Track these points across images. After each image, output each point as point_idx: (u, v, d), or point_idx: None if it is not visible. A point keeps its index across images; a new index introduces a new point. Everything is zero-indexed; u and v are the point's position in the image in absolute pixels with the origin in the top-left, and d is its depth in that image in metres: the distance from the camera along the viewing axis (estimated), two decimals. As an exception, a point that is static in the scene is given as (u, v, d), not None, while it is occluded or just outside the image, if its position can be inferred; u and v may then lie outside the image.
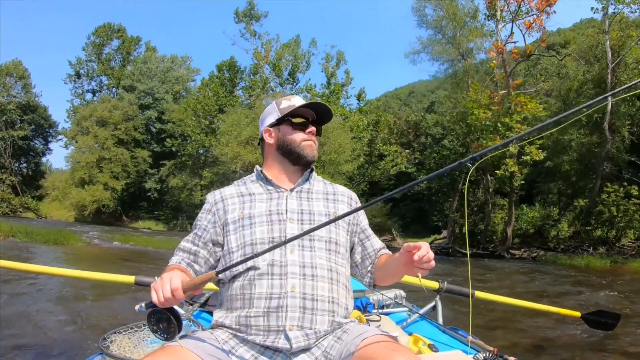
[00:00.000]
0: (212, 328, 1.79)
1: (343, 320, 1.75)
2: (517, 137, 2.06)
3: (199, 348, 1.55)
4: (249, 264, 1.72)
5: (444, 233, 25.71)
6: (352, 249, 1.97)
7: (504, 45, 20.35)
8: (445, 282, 3.56)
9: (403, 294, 3.75)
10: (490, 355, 2.16)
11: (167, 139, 43.37)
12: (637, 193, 17.96)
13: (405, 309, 3.49)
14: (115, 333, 2.31)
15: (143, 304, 1.57)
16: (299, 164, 1.93)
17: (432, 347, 2.38)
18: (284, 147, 1.92)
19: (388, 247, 2.05)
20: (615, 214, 18.37)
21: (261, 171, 1.96)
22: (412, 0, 29.40)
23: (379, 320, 2.89)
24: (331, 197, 1.95)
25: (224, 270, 1.60)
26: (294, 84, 41.42)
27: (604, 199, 18.76)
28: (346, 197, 1.99)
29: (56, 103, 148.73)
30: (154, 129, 47.11)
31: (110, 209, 42.34)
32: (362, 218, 2.01)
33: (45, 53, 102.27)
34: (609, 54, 19.10)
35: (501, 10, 21.15)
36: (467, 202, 23.74)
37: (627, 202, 18.25)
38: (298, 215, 1.82)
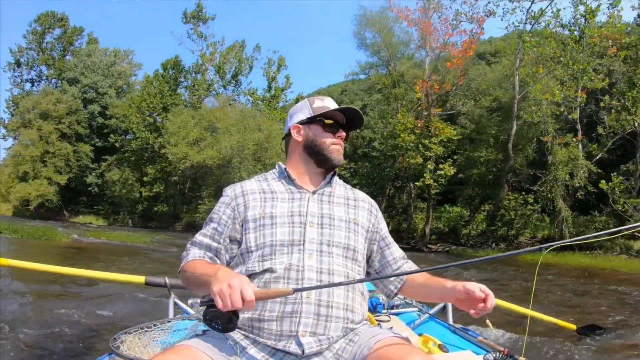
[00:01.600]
0: None
1: (356, 326, 1.75)
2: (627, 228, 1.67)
3: (209, 348, 1.56)
4: (266, 265, 1.72)
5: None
6: (370, 257, 1.96)
7: (427, 81, 24.46)
8: None
9: None
10: (501, 355, 2.19)
11: (111, 135, 44.41)
12: (532, 200, 22.36)
13: (415, 309, 3.52)
14: (125, 333, 2.30)
15: (198, 300, 1.53)
16: (324, 166, 1.93)
17: (442, 348, 2.42)
18: (312, 147, 1.92)
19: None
20: (514, 217, 22.78)
21: (285, 169, 1.95)
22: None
23: (388, 321, 2.96)
24: (352, 202, 1.93)
25: (300, 290, 1.61)
26: (237, 86, 43.81)
27: (506, 205, 23.18)
28: (367, 204, 1.98)
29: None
30: (96, 124, 47.66)
31: (54, 203, 42.91)
32: (382, 225, 1.99)
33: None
34: (517, 86, 23.38)
35: (430, 45, 25.49)
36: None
37: (525, 207, 22.63)
38: (318, 219, 1.81)
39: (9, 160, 45.85)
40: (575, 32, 22.01)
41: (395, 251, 1.99)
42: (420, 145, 23.98)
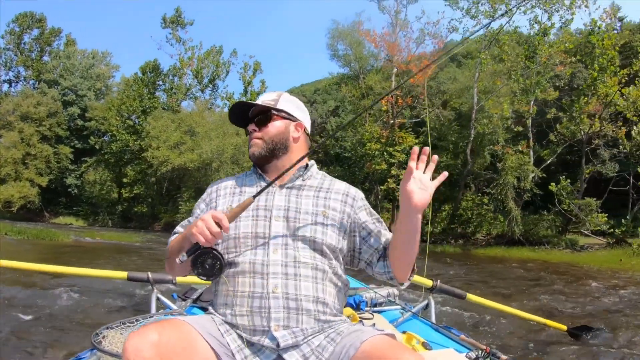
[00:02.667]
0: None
1: (332, 318, 1.77)
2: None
3: (199, 325, 1.65)
4: (231, 258, 1.78)
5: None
6: (355, 249, 1.92)
7: (392, 96, 27.36)
8: (439, 281, 3.63)
9: (396, 292, 3.86)
10: (483, 353, 2.27)
11: (91, 137, 46.06)
12: (487, 201, 25.09)
13: (398, 307, 3.57)
14: (107, 328, 2.31)
15: (184, 253, 1.64)
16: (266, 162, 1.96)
17: (425, 346, 2.45)
18: None
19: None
20: (471, 216, 25.56)
21: (254, 164, 2.00)
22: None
23: (372, 319, 3.00)
24: (323, 194, 1.90)
25: (259, 193, 1.75)
26: (214, 90, 45.73)
27: (464, 205, 26.00)
28: (341, 195, 1.92)
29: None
30: (75, 126, 48.78)
31: (36, 205, 43.91)
32: (361, 215, 1.92)
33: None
34: (475, 98, 26.08)
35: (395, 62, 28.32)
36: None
37: (481, 208, 25.38)
38: (284, 212, 1.82)
39: None
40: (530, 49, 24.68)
41: (381, 237, 1.89)
42: (385, 153, 27.15)
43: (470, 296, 3.89)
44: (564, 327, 4.69)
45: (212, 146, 33.15)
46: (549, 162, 24.35)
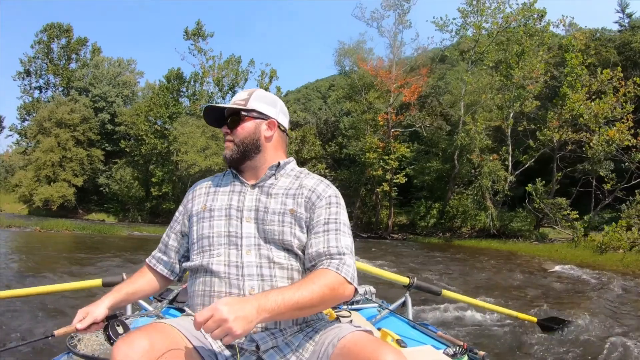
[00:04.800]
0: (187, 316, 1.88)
1: (310, 317, 1.81)
2: None
3: (182, 327, 1.67)
4: (206, 261, 1.82)
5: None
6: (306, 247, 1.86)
7: (387, 113, 33.61)
8: (415, 278, 3.69)
9: (373, 290, 4.05)
10: (460, 349, 2.34)
11: (122, 141, 51.31)
12: (472, 200, 30.40)
13: (376, 305, 3.71)
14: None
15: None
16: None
17: (400, 343, 2.46)
18: None
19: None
20: (457, 213, 30.94)
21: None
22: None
23: (349, 316, 2.99)
24: (292, 192, 1.90)
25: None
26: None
27: (452, 203, 31.43)
28: (307, 190, 1.90)
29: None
30: (105, 130, 54.44)
31: (72, 203, 49.06)
32: (319, 212, 1.87)
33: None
34: (462, 110, 31.66)
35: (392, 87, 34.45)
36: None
37: (465, 206, 30.61)
38: (254, 213, 1.84)
39: (30, 165, 51.37)
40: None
41: (319, 242, 1.81)
42: (381, 161, 33.47)
43: (446, 292, 3.94)
44: (534, 319, 4.76)
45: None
46: (526, 165, 28.85)
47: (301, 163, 47.29)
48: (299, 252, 1.84)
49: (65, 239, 22.25)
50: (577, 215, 23.38)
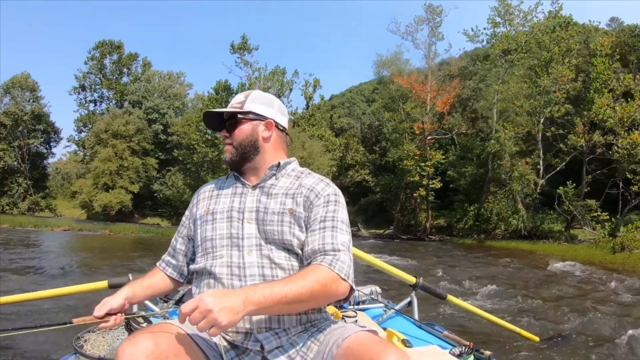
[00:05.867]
0: None
1: (314, 317, 1.82)
2: None
3: (189, 328, 1.65)
4: (209, 262, 1.86)
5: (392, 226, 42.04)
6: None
7: (422, 123, 36.57)
8: (421, 279, 3.64)
9: (379, 290, 4.06)
10: (467, 349, 2.34)
11: (175, 150, 54.67)
12: (505, 203, 32.49)
13: (381, 305, 3.72)
14: (89, 332, 2.32)
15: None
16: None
17: (405, 343, 2.49)
18: None
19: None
20: (491, 215, 33.06)
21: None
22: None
23: (355, 316, 3.08)
24: (292, 191, 1.92)
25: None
26: None
27: (486, 206, 33.64)
28: (306, 189, 1.92)
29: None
30: (158, 140, 58.41)
31: (129, 208, 53.20)
32: (317, 210, 1.88)
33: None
34: (495, 117, 34.06)
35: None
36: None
37: (500, 208, 32.68)
38: (255, 214, 1.87)
39: (89, 173, 55.49)
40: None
41: (316, 240, 1.82)
42: (418, 167, 36.57)
43: (451, 298, 3.85)
44: (537, 339, 4.69)
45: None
46: (558, 169, 30.68)
47: (345, 169, 52.38)
48: (299, 252, 1.85)
49: (131, 240, 25.04)
50: (607, 217, 24.22)
